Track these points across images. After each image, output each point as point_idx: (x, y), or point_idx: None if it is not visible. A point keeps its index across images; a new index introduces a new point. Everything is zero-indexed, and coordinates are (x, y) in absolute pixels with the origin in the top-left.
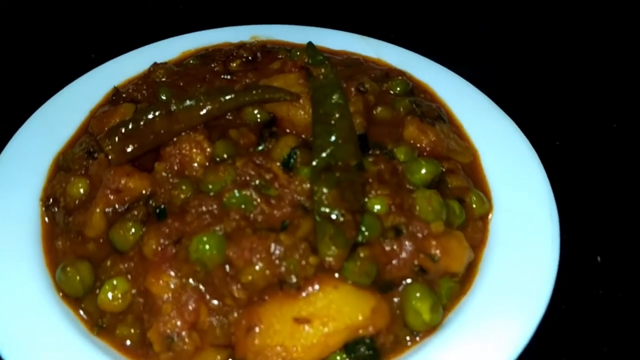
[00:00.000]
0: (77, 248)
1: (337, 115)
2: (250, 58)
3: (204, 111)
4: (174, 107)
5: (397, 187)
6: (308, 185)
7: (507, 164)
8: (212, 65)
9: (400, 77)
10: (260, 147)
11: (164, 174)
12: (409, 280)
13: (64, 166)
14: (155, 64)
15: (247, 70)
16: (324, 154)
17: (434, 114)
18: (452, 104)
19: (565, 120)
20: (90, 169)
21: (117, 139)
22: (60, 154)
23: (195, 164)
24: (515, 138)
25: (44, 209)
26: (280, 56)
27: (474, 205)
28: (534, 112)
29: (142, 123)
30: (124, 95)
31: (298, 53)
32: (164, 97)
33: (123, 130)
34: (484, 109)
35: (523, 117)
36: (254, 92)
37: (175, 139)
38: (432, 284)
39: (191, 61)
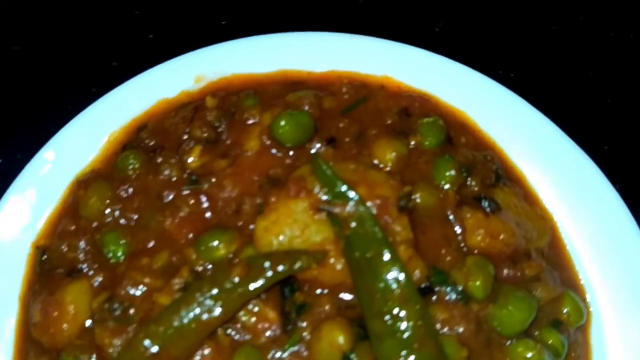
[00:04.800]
0: None
1: (401, 308)
2: (212, 138)
3: (208, 329)
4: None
5: (487, 350)
6: None
7: (594, 232)
8: (165, 173)
9: (427, 119)
10: (292, 348)
11: None
12: None
13: None
14: (78, 184)
15: (217, 171)
16: None
17: (490, 175)
18: (503, 141)
19: None
20: None
21: None
22: None
23: None
24: (602, 190)
25: None
26: (251, 120)
27: (570, 318)
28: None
29: None
30: (54, 259)
31: (283, 124)
32: (118, 252)
33: None
34: (552, 145)
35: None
36: (269, 273)
37: None
38: None
39: (132, 164)
